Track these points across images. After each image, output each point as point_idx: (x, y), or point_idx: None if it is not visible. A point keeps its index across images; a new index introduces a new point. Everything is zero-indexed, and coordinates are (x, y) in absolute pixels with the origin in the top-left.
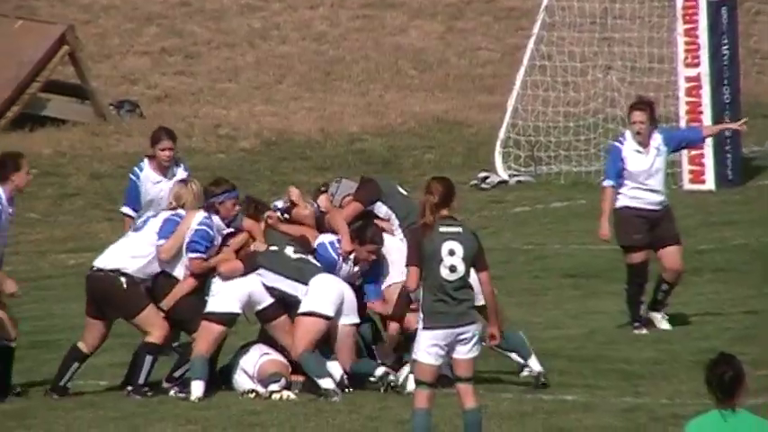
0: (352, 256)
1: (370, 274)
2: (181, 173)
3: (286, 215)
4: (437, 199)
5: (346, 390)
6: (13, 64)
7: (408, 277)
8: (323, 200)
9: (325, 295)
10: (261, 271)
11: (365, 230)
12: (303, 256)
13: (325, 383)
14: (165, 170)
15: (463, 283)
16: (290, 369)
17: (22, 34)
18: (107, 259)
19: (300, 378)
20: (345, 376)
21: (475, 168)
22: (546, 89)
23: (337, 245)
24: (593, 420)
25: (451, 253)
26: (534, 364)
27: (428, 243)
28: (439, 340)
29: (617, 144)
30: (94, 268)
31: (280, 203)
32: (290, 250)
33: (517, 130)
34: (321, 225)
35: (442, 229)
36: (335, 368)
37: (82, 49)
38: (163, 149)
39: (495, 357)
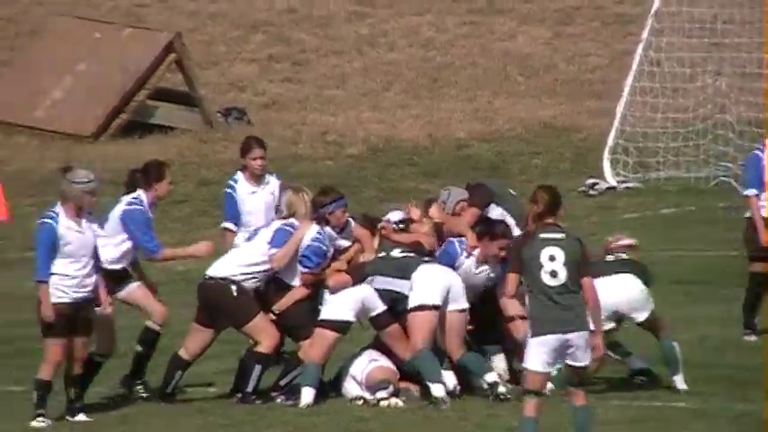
0: (475, 253)
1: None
2: (274, 181)
3: (401, 225)
4: (541, 208)
5: (456, 397)
6: (120, 72)
7: (506, 284)
8: (434, 210)
9: (429, 285)
10: (369, 278)
11: (494, 226)
12: (409, 254)
13: (437, 390)
14: (258, 179)
15: (566, 289)
16: (399, 376)
17: (129, 42)
18: (218, 268)
19: (409, 385)
20: (458, 387)
21: (583, 174)
22: (655, 95)
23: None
24: (702, 427)
25: (552, 258)
26: (679, 383)
27: (528, 249)
28: (547, 347)
29: (757, 152)
30: (206, 276)
31: (395, 216)
32: (396, 252)
33: (626, 136)
34: (441, 238)
35: (543, 235)
36: (449, 378)
37: (189, 56)
38: (254, 158)
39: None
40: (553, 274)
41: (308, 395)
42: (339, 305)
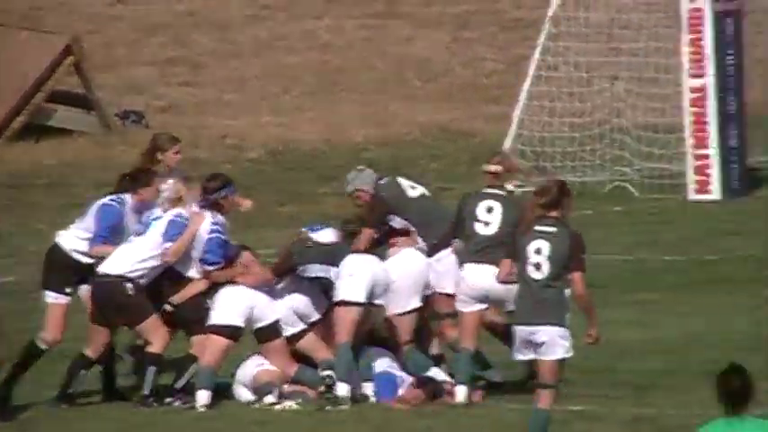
0: None
1: None
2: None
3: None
4: (543, 200)
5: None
6: (18, 74)
7: (500, 268)
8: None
9: (356, 280)
10: (301, 268)
11: None
12: (338, 240)
13: (341, 389)
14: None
15: (546, 283)
16: (287, 379)
17: (27, 45)
18: (112, 264)
19: (304, 388)
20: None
21: (480, 178)
22: (551, 99)
23: None
24: (600, 431)
25: (538, 251)
26: (459, 395)
27: (521, 239)
28: (518, 337)
29: None
30: (100, 273)
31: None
32: (327, 233)
33: (522, 140)
34: None
35: (537, 227)
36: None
37: (87, 59)
38: (176, 153)
39: (507, 369)
40: (537, 266)
41: (203, 397)
42: (228, 309)
